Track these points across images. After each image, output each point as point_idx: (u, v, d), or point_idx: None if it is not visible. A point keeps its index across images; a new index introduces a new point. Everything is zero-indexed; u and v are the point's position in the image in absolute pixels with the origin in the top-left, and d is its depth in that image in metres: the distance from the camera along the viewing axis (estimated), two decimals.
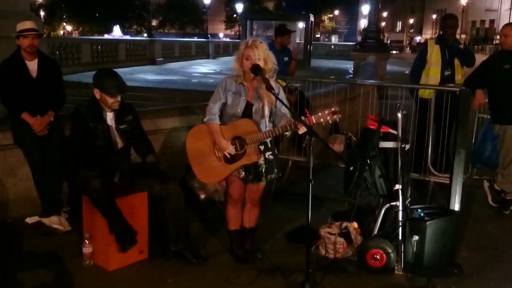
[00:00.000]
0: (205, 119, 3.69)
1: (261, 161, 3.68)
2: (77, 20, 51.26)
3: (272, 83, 3.57)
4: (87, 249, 3.77)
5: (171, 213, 3.80)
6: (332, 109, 3.43)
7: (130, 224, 3.67)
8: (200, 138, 3.70)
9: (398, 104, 3.94)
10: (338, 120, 3.47)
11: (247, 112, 3.66)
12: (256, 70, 3.52)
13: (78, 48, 18.02)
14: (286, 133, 3.57)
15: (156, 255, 3.92)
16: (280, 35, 6.68)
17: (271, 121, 3.69)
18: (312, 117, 3.43)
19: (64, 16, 52.90)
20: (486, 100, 5.17)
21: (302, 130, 3.41)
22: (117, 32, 48.78)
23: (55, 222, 4.38)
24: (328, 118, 3.42)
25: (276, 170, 3.76)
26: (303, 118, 3.43)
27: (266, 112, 3.64)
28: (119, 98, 3.74)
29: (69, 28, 56.48)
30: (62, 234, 4.32)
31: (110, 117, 3.81)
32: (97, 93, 3.74)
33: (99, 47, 19.58)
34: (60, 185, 4.48)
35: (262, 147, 3.68)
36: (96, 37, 34.58)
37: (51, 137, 4.38)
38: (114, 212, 3.61)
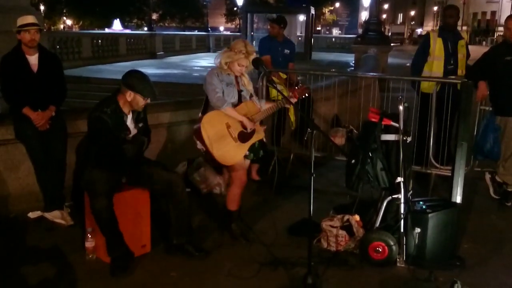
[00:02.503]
0: (222, 107, 3.86)
1: None
2: (77, 14, 51.16)
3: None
4: (89, 243, 3.78)
5: (174, 207, 3.80)
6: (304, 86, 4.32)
7: (128, 247, 3.67)
8: (214, 125, 3.84)
9: (400, 97, 3.93)
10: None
11: (239, 99, 4.01)
12: (258, 63, 3.84)
13: (79, 42, 17.97)
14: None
15: (159, 249, 3.93)
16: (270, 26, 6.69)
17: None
18: (296, 93, 4.19)
19: (64, 11, 52.78)
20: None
21: (290, 104, 4.13)
22: (117, 26, 48.62)
23: (58, 216, 4.39)
24: (306, 92, 4.23)
25: (265, 146, 4.18)
26: (290, 94, 4.21)
27: (253, 94, 4.16)
28: (148, 101, 3.70)
29: (69, 22, 56.37)
30: (65, 229, 4.33)
31: (129, 119, 3.73)
32: (130, 96, 3.59)
33: (100, 41, 19.52)
34: (62, 179, 4.49)
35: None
36: (96, 31, 34.48)
37: (53, 132, 4.38)
38: (115, 235, 3.61)
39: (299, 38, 26.73)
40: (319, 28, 68.65)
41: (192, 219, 4.08)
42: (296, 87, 4.27)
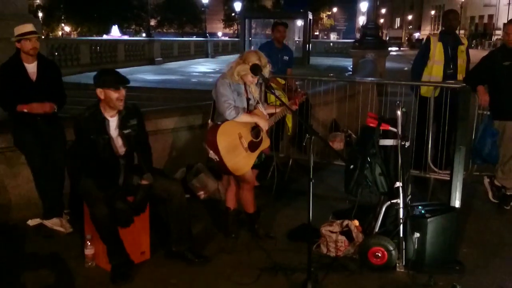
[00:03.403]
0: (237, 117, 3.89)
1: None
2: (76, 21, 51.22)
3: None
4: (89, 251, 3.77)
5: (173, 214, 3.79)
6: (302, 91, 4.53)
7: (128, 255, 3.67)
8: (229, 135, 3.88)
9: (398, 102, 3.94)
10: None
11: (248, 107, 4.04)
12: (256, 69, 3.83)
13: (77, 49, 18.01)
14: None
15: (159, 256, 3.93)
16: (272, 30, 6.72)
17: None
18: (297, 100, 4.36)
19: (63, 17, 52.88)
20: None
21: (294, 108, 4.31)
22: (115, 32, 48.68)
23: (57, 224, 4.39)
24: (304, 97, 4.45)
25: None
26: (291, 101, 4.42)
27: (259, 101, 4.17)
28: (124, 93, 3.58)
29: (67, 29, 56.46)
30: (64, 236, 4.32)
31: (113, 125, 3.66)
32: (101, 93, 3.56)
33: (98, 47, 19.57)
34: (61, 187, 4.48)
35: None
36: (95, 37, 34.55)
37: (52, 139, 4.38)
38: (116, 242, 3.61)
39: (297, 43, 26.82)
40: (317, 33, 68.93)
41: (192, 225, 4.08)
42: (295, 94, 4.41)
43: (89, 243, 3.77)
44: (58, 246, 4.12)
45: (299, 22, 27.22)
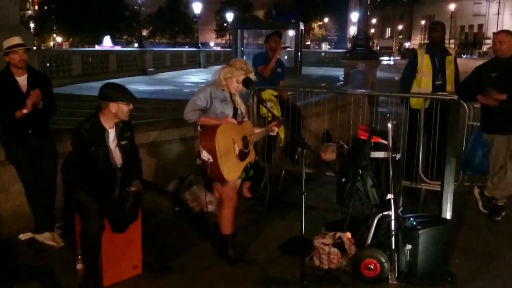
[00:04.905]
0: (198, 121, 3.91)
1: None
2: (67, 31, 51.22)
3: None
4: (81, 265, 3.75)
5: (156, 227, 3.81)
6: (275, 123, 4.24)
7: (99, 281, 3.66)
8: (226, 137, 3.83)
9: (388, 115, 3.98)
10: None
11: (235, 116, 4.02)
12: (248, 83, 3.92)
13: (69, 60, 17.99)
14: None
15: (150, 271, 3.91)
16: (266, 41, 6.73)
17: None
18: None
19: (54, 28, 52.84)
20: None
21: (275, 131, 4.23)
22: (107, 42, 48.73)
23: (48, 238, 4.36)
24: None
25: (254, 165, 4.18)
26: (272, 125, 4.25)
27: (245, 116, 4.18)
28: (131, 106, 3.68)
29: (59, 39, 56.39)
30: (56, 250, 4.29)
31: (112, 136, 3.69)
32: (114, 107, 3.59)
33: (90, 58, 19.56)
34: (53, 200, 4.46)
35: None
36: (86, 48, 34.55)
37: (43, 152, 4.37)
38: (96, 262, 3.60)
39: (289, 53, 26.94)
40: (308, 43, 69.33)
41: (183, 237, 4.06)
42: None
43: (80, 257, 3.74)
44: (50, 260, 4.09)
45: (291, 32, 27.37)
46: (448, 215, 4.19)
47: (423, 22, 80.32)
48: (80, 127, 3.60)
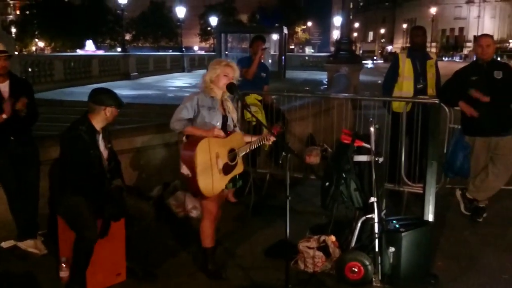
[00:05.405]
0: (184, 130, 3.78)
1: None
2: (49, 36, 50.73)
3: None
4: (64, 273, 3.71)
5: (138, 233, 3.80)
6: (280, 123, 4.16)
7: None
8: (207, 152, 3.68)
9: (371, 119, 4.02)
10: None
11: (224, 125, 3.88)
12: (232, 88, 3.77)
13: (51, 65, 17.85)
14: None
15: (135, 278, 3.89)
16: (250, 46, 6.75)
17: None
18: (275, 130, 3.97)
19: (36, 32, 52.32)
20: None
21: (271, 140, 3.90)
22: (90, 47, 48.37)
23: (31, 245, 4.32)
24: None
25: (243, 176, 4.02)
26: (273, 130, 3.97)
27: (237, 125, 4.00)
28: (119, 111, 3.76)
29: (41, 44, 55.83)
30: (39, 258, 4.24)
31: (100, 139, 3.72)
32: (108, 111, 3.63)
33: (72, 63, 19.41)
34: (35, 208, 4.41)
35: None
36: (68, 53, 34.25)
37: (26, 159, 4.32)
38: (85, 271, 3.56)
39: (273, 57, 27.04)
40: (292, 47, 69.59)
41: (167, 243, 4.05)
42: (275, 125, 4.17)
43: (64, 265, 3.71)
44: (33, 268, 4.04)
45: (275, 36, 27.50)
46: (430, 217, 4.24)
47: (405, 25, 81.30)
48: (79, 130, 3.59)
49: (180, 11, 39.05)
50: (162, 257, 4.20)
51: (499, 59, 42.57)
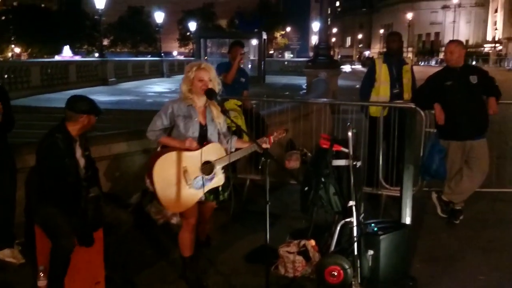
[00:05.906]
0: (158, 140, 3.75)
1: None
2: (26, 42, 50.03)
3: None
4: (42, 282, 3.64)
5: (116, 242, 3.77)
6: (284, 127, 4.10)
7: None
8: (171, 167, 3.54)
9: (348, 123, 4.07)
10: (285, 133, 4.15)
11: (203, 134, 3.76)
12: (211, 94, 3.66)
13: (28, 71, 17.60)
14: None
15: (113, 286, 3.85)
16: (228, 52, 6.76)
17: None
18: (271, 137, 3.95)
19: (12, 38, 51.52)
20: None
21: (260, 150, 3.63)
22: (67, 52, 47.77)
23: (8, 255, 4.24)
24: (283, 134, 4.09)
25: (228, 188, 3.91)
26: (265, 138, 3.92)
27: (221, 131, 3.82)
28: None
29: (17, 50, 54.98)
30: (16, 267, 4.17)
31: (77, 147, 3.68)
32: (86, 119, 3.59)
33: (49, 69, 19.17)
34: (12, 216, 4.33)
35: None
36: (45, 59, 33.81)
37: (1, 167, 4.25)
38: (62, 280, 3.52)
39: (253, 62, 27.13)
40: (271, 52, 69.88)
41: (146, 251, 4.02)
42: (276, 132, 4.10)
43: (42, 275, 3.64)
44: (10, 277, 3.98)
45: (254, 42, 27.61)
46: (407, 220, 4.30)
47: (381, 31, 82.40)
48: (55, 137, 3.53)
49: (159, 16, 38.92)
50: (142, 265, 4.18)
51: (474, 63, 43.55)
